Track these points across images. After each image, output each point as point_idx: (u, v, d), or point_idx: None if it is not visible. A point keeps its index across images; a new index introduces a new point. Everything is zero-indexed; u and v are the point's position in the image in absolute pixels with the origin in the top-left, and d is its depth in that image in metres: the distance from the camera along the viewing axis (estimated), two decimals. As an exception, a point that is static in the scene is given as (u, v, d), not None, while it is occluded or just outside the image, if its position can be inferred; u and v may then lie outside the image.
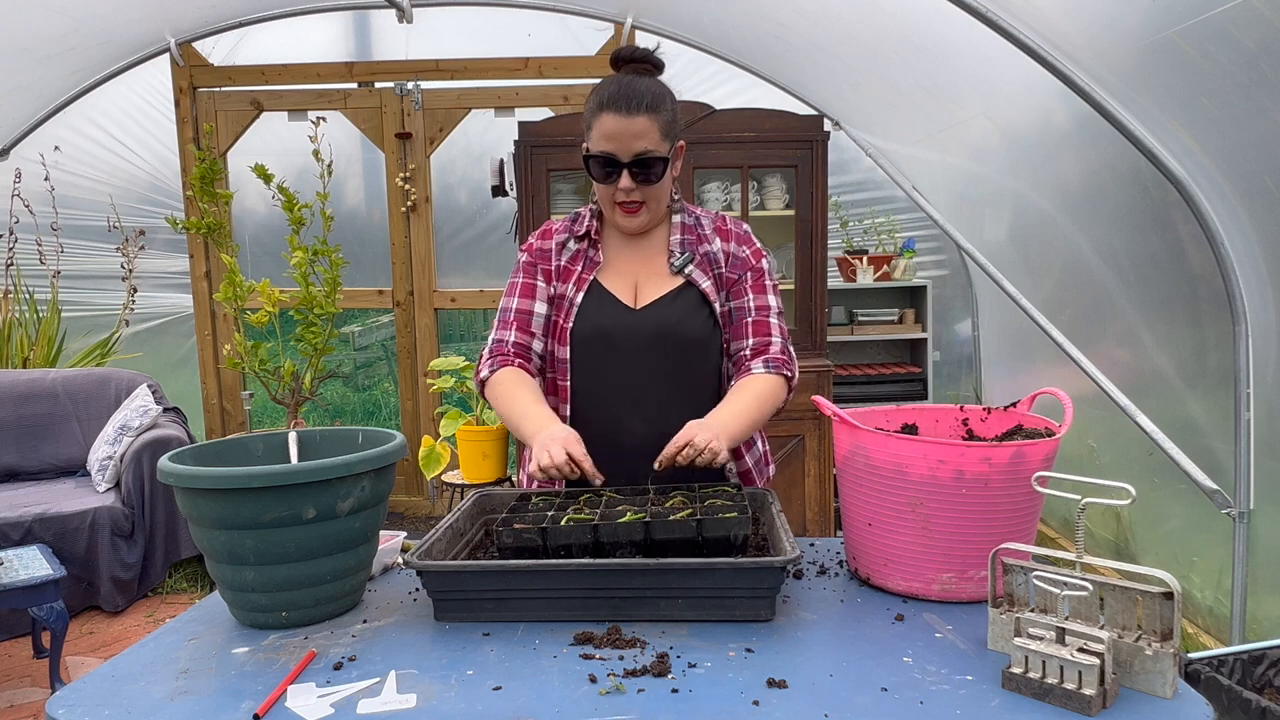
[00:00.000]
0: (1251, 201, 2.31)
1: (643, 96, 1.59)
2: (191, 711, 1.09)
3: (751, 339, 1.73)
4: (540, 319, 1.75)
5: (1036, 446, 1.31)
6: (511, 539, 1.36)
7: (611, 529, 1.35)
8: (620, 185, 1.64)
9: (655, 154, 1.62)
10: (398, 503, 5.06)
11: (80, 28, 4.00)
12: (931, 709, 1.05)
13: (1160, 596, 1.08)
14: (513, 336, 1.74)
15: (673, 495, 1.52)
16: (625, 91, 1.60)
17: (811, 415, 3.67)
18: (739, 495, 1.51)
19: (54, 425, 4.14)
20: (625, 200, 1.67)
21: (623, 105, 1.58)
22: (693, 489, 1.56)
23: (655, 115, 1.60)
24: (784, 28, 3.69)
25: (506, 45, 4.75)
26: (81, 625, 3.57)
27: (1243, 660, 1.87)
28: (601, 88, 1.63)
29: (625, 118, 1.58)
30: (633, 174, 1.63)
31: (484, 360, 1.77)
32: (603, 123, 1.60)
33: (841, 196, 4.84)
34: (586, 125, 1.65)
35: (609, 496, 1.54)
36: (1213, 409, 2.78)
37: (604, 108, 1.60)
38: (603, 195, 1.71)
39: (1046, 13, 2.32)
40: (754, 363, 1.71)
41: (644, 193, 1.66)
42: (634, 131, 1.59)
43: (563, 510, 1.45)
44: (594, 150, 1.64)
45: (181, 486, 1.29)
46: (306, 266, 3.60)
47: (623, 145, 1.60)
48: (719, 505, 1.45)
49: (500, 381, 1.70)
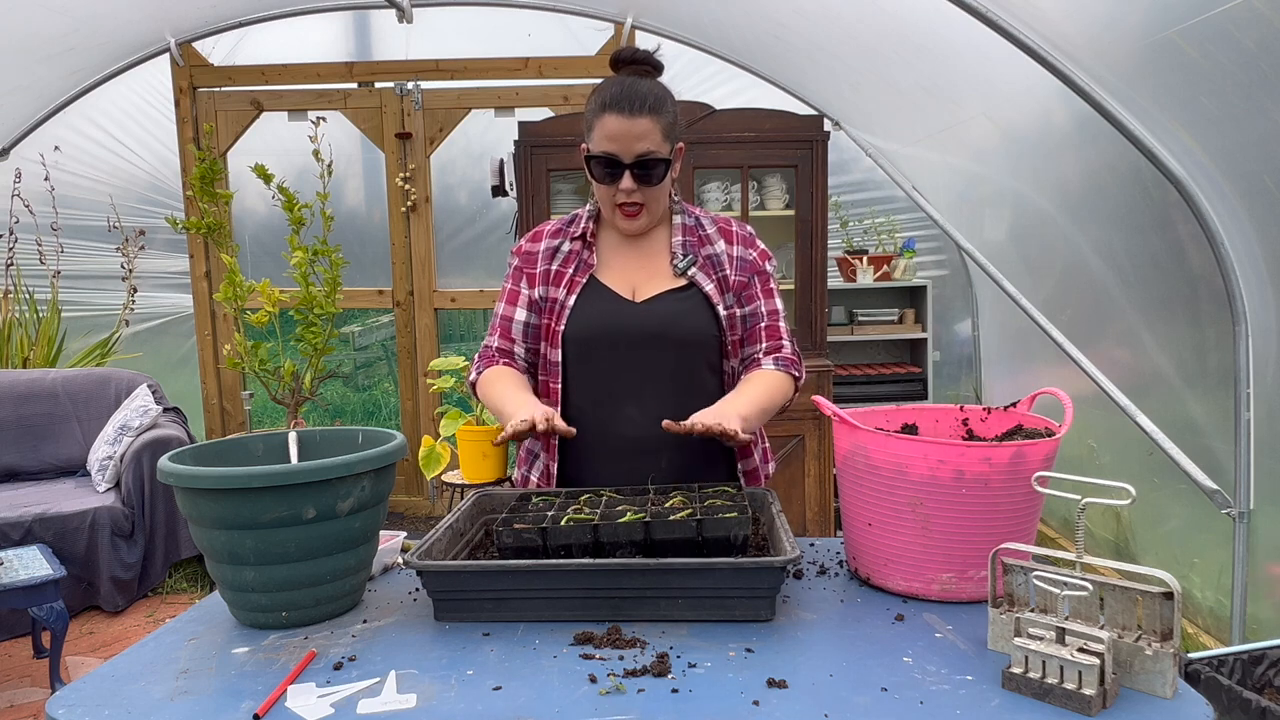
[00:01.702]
0: (1251, 201, 2.31)
1: (645, 98, 1.60)
2: (191, 711, 1.09)
3: (765, 343, 1.77)
4: (520, 325, 1.78)
5: (1036, 446, 1.31)
6: (511, 539, 1.36)
7: (612, 529, 1.35)
8: (622, 186, 1.64)
9: (657, 155, 1.62)
10: (398, 503, 5.06)
11: (80, 28, 4.00)
12: (931, 709, 1.05)
13: (1160, 596, 1.08)
14: (496, 343, 1.80)
15: (672, 495, 1.52)
16: (628, 93, 1.60)
17: (811, 415, 3.67)
18: (739, 495, 1.51)
19: (54, 425, 4.14)
20: (626, 202, 1.67)
21: (625, 106, 1.58)
22: (693, 489, 1.56)
23: (658, 117, 1.61)
24: (784, 28, 3.69)
25: (506, 45, 4.75)
26: (81, 625, 3.57)
27: (1243, 660, 1.87)
28: (603, 89, 1.63)
29: (628, 119, 1.58)
30: (635, 175, 1.63)
31: (473, 365, 1.82)
32: (605, 124, 1.60)
33: (841, 196, 4.84)
34: (587, 126, 1.65)
35: (609, 496, 1.54)
36: (1213, 409, 2.78)
37: (606, 109, 1.60)
38: (603, 196, 1.71)
39: (1046, 13, 2.32)
40: (765, 361, 1.75)
41: (645, 194, 1.66)
42: (636, 133, 1.59)
43: (563, 510, 1.45)
44: (595, 151, 1.64)
45: (181, 486, 1.29)
46: (306, 266, 3.60)
47: (625, 146, 1.60)
48: (719, 505, 1.45)
49: (486, 379, 1.75)
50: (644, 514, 1.39)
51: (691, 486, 1.58)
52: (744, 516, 1.36)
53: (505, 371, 1.75)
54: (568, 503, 1.51)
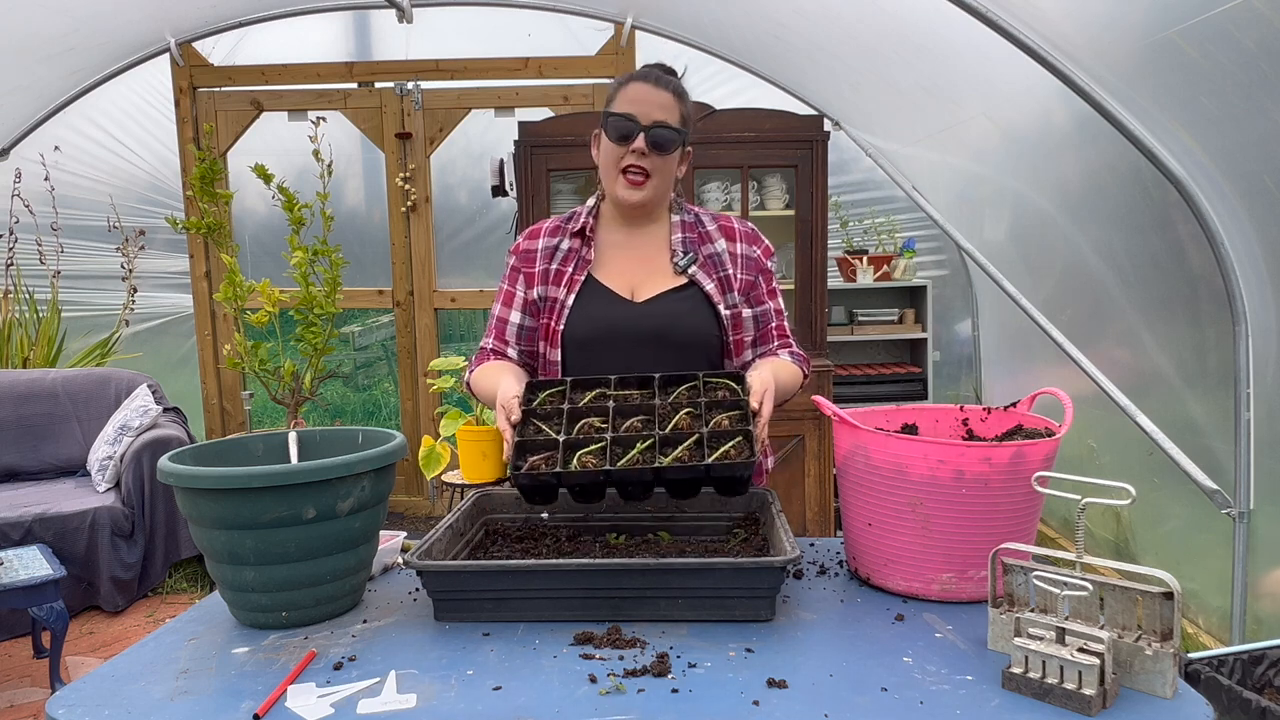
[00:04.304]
0: (1251, 201, 2.31)
1: (672, 80, 1.71)
2: (191, 711, 1.09)
3: (776, 341, 1.81)
4: (514, 328, 1.79)
5: (1036, 446, 1.31)
6: (528, 480, 1.38)
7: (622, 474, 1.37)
8: (634, 146, 1.66)
9: (673, 126, 1.68)
10: (398, 503, 5.06)
11: (80, 28, 4.00)
12: (931, 709, 1.05)
13: (1160, 596, 1.08)
14: (491, 344, 1.82)
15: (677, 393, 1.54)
16: (655, 71, 1.72)
17: (811, 415, 3.67)
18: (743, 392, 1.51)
19: (54, 425, 4.14)
20: (635, 164, 1.67)
21: (653, 79, 1.68)
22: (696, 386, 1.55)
23: (680, 99, 1.70)
24: (784, 28, 3.69)
25: (506, 45, 4.75)
26: (81, 625, 3.57)
27: (1243, 660, 1.87)
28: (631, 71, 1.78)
29: (654, 88, 1.67)
30: (649, 139, 1.66)
31: (469, 366, 1.83)
32: (630, 89, 1.68)
33: (841, 196, 4.84)
34: (610, 98, 1.72)
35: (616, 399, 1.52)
36: (1213, 409, 2.77)
37: (634, 79, 1.69)
38: (610, 160, 1.70)
39: (1046, 13, 2.32)
40: (781, 353, 1.79)
41: (653, 163, 1.68)
42: (659, 102, 1.67)
43: (572, 422, 1.47)
44: (616, 111, 1.68)
45: (181, 486, 1.29)
46: (306, 266, 3.60)
47: (645, 110, 1.66)
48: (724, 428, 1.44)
49: (477, 375, 1.77)
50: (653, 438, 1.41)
51: (695, 385, 1.56)
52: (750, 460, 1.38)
53: (497, 364, 1.75)
54: (578, 397, 1.53)
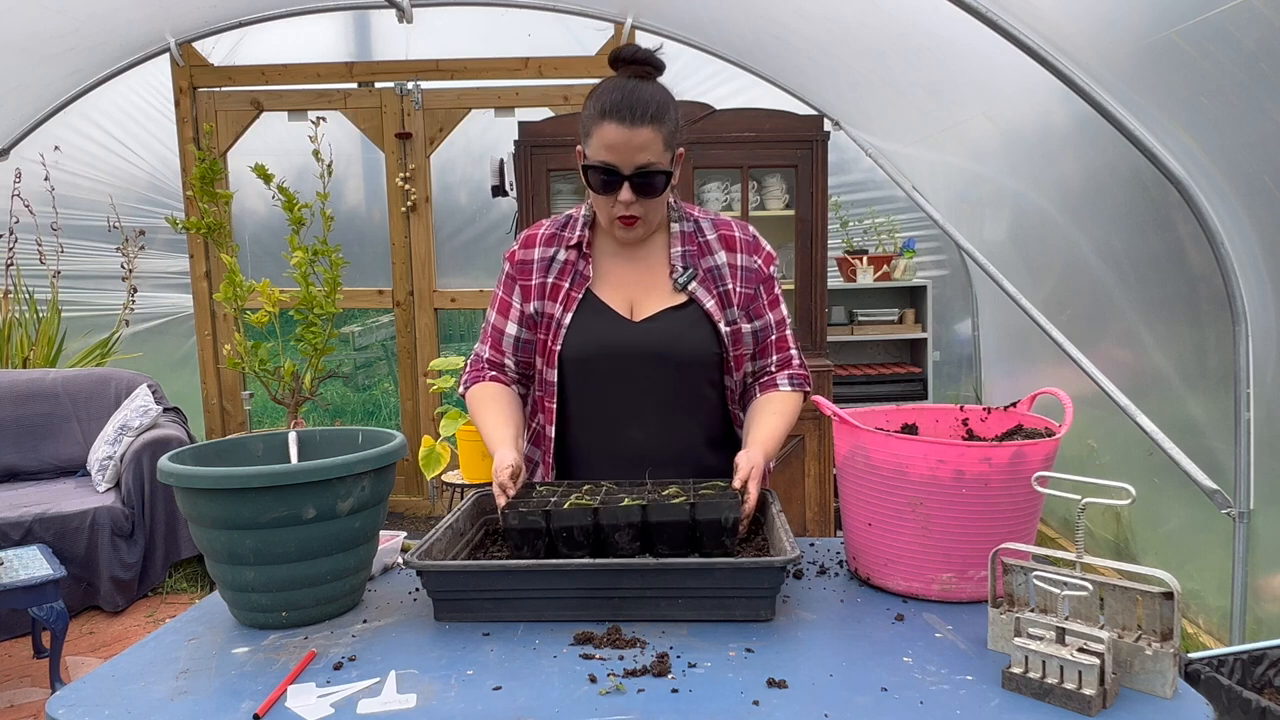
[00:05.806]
0: (1251, 201, 2.31)
1: (647, 106, 1.51)
2: (191, 711, 1.09)
3: (775, 355, 1.75)
4: (512, 340, 1.73)
5: (1036, 446, 1.31)
6: (517, 520, 1.38)
7: (611, 512, 1.37)
8: (620, 198, 1.57)
9: (658, 167, 1.55)
10: (398, 503, 5.06)
11: (80, 28, 4.00)
12: (931, 709, 1.05)
13: (1160, 596, 1.08)
14: (488, 354, 1.76)
15: (669, 487, 1.53)
16: (628, 100, 1.50)
17: (811, 415, 3.67)
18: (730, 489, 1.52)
19: (54, 425, 4.14)
20: (624, 214, 1.60)
21: (626, 115, 1.50)
22: (688, 483, 1.57)
23: (659, 126, 1.52)
24: (784, 28, 3.69)
25: (506, 45, 4.75)
26: (81, 625, 3.57)
27: (1243, 660, 1.87)
28: (602, 92, 1.54)
29: (628, 129, 1.50)
30: (634, 186, 1.55)
31: (465, 372, 1.80)
32: (604, 132, 1.52)
33: (841, 196, 4.84)
34: (585, 131, 1.57)
35: (609, 487, 1.55)
36: (1213, 409, 2.77)
37: (606, 116, 1.51)
38: (600, 206, 1.64)
39: (1046, 13, 2.32)
40: (780, 377, 1.73)
41: (644, 206, 1.59)
42: (637, 144, 1.51)
43: (564, 498, 1.46)
44: (593, 160, 1.55)
45: (181, 486, 1.29)
46: (306, 266, 3.60)
47: (625, 157, 1.52)
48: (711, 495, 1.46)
49: (472, 399, 1.73)
50: (642, 499, 1.41)
51: (687, 481, 1.59)
52: (734, 500, 1.39)
53: (491, 393, 1.70)
54: (570, 490, 1.52)
